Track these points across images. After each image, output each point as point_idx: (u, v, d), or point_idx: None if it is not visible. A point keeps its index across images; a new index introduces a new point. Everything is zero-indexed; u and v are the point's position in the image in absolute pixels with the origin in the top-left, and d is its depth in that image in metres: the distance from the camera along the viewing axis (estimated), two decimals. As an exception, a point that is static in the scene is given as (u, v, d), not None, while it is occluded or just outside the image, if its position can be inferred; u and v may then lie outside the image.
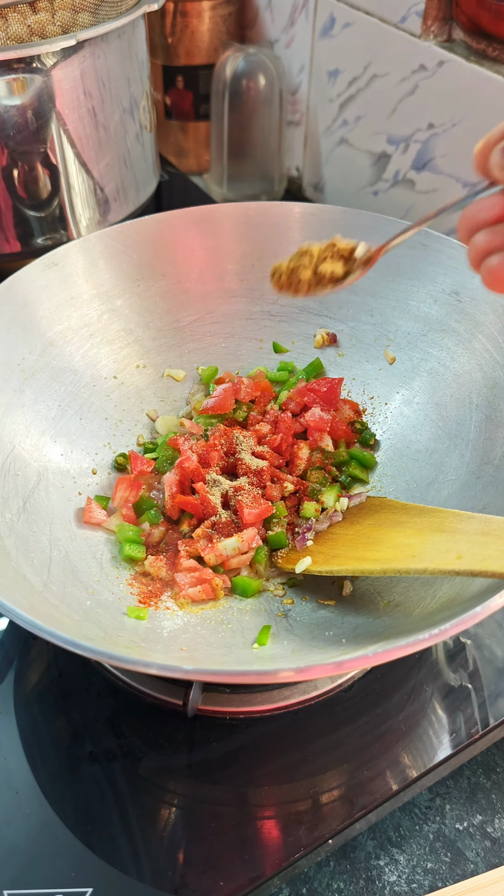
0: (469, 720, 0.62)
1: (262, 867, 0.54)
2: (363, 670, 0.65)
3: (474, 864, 0.59)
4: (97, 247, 0.79)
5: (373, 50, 0.97)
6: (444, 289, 0.75)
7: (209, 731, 0.61)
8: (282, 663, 0.55)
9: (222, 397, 0.76)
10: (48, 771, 0.59)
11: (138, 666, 0.46)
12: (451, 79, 0.88)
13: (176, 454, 0.71)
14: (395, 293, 0.79)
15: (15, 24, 0.78)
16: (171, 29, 1.13)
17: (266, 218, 0.84)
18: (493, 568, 0.50)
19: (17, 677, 0.65)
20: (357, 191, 1.09)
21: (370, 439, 0.76)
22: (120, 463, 0.73)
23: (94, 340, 0.78)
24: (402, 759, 0.59)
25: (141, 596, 0.63)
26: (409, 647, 0.46)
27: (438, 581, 0.59)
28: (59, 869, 0.54)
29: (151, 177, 1.03)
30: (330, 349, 0.82)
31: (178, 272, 0.83)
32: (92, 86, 0.86)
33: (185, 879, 0.53)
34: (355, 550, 0.62)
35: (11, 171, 0.85)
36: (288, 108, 1.16)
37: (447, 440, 0.71)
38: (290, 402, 0.77)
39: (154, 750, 0.60)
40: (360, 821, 0.57)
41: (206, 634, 0.60)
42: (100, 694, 0.63)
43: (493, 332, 0.71)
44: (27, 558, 0.60)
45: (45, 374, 0.73)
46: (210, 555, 0.65)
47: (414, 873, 0.59)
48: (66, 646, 0.46)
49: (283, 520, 0.68)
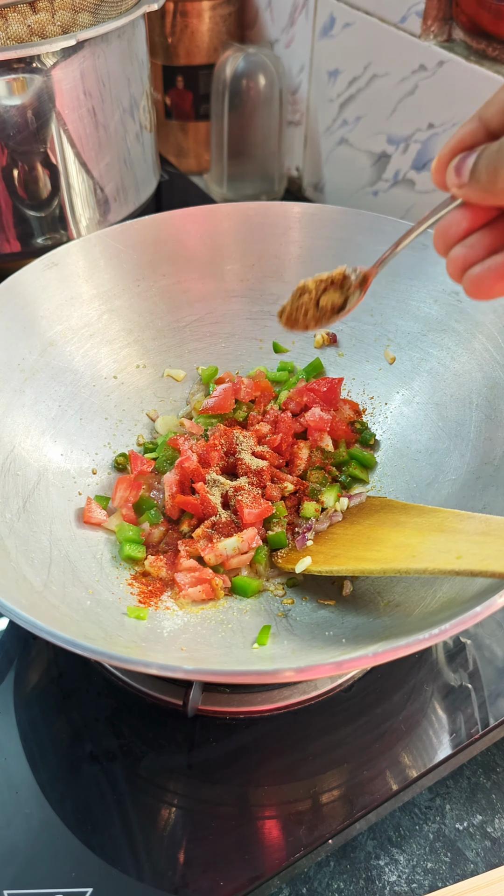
0: (469, 720, 0.62)
1: (262, 867, 0.54)
2: (363, 670, 0.65)
3: (474, 864, 0.59)
4: (97, 247, 0.79)
5: (373, 50, 0.97)
6: (444, 289, 0.75)
7: (209, 731, 0.61)
8: (282, 663, 0.55)
9: (222, 397, 0.76)
10: (48, 771, 0.59)
11: (138, 666, 0.46)
12: (451, 79, 0.88)
13: (176, 454, 0.71)
14: (395, 293, 0.79)
15: (15, 24, 0.78)
16: (171, 29, 1.13)
17: (266, 218, 0.84)
18: (493, 568, 0.50)
19: (17, 677, 0.65)
20: (357, 191, 1.09)
21: (370, 439, 0.76)
22: (120, 463, 0.73)
23: (94, 340, 0.78)
24: (402, 759, 0.59)
25: (141, 596, 0.63)
26: (409, 647, 0.46)
27: (438, 581, 0.59)
28: (59, 869, 0.54)
29: (151, 177, 1.03)
30: (330, 349, 0.82)
31: (178, 272, 0.83)
32: (92, 86, 0.86)
33: (185, 879, 0.53)
34: (355, 550, 0.62)
35: (11, 171, 0.85)
36: (288, 108, 1.16)
37: (447, 440, 0.71)
38: (290, 402, 0.77)
39: (154, 750, 0.60)
40: (360, 821, 0.57)
41: (206, 634, 0.60)
42: (100, 694, 0.63)
43: (493, 332, 0.71)
44: (27, 558, 0.60)
45: (45, 374, 0.73)
46: (210, 555, 0.65)
47: (414, 873, 0.59)
48: (66, 646, 0.46)
49: (283, 520, 0.68)
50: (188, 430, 0.75)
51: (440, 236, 0.48)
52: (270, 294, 0.83)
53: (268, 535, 0.67)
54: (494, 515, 0.56)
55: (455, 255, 0.47)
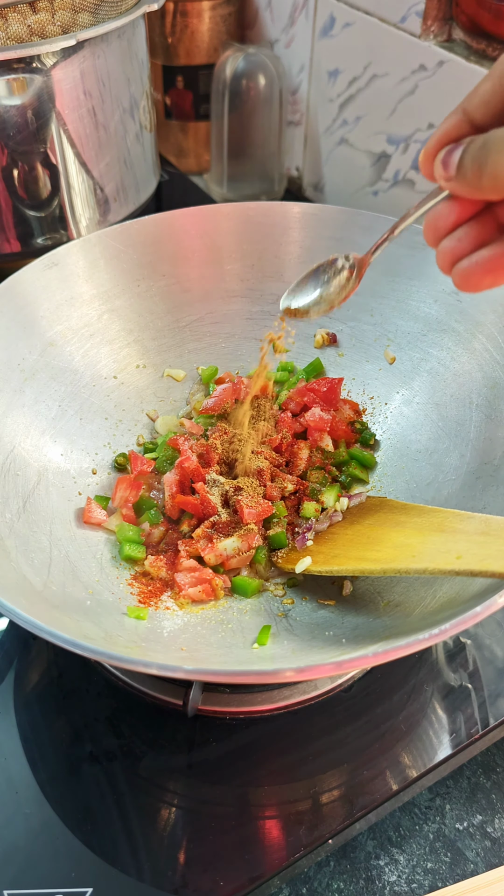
0: (469, 720, 0.62)
1: (262, 867, 0.54)
2: (363, 670, 0.65)
3: (474, 864, 0.59)
4: (97, 247, 0.79)
5: (373, 50, 0.97)
6: (444, 289, 0.75)
7: (209, 731, 0.61)
8: (282, 663, 0.55)
9: (222, 397, 0.76)
10: (48, 771, 0.59)
11: (138, 666, 0.46)
12: (451, 79, 0.88)
13: (176, 454, 0.71)
14: (395, 293, 0.79)
15: (15, 24, 0.78)
16: (171, 29, 1.13)
17: (266, 218, 0.84)
18: (493, 568, 0.50)
19: (17, 677, 0.65)
20: (357, 191, 1.09)
21: (370, 439, 0.76)
22: (120, 463, 0.73)
23: (94, 340, 0.78)
24: (402, 759, 0.59)
25: (141, 596, 0.63)
26: (409, 647, 0.46)
27: (438, 581, 0.59)
28: (59, 869, 0.54)
29: (151, 177, 1.03)
30: (330, 349, 0.82)
31: (178, 272, 0.83)
32: (92, 86, 0.86)
33: (185, 879, 0.53)
34: (355, 550, 0.62)
35: (11, 171, 0.85)
36: (288, 108, 1.16)
37: (447, 440, 0.71)
38: (290, 402, 0.77)
39: (154, 750, 0.60)
40: (360, 821, 0.57)
41: (206, 634, 0.60)
42: (100, 694, 0.63)
43: (493, 332, 0.71)
44: (27, 558, 0.60)
45: (45, 374, 0.73)
46: (210, 555, 0.65)
47: (414, 873, 0.59)
48: (66, 646, 0.46)
49: (283, 520, 0.68)
50: (188, 430, 0.75)
51: (430, 228, 0.48)
52: (270, 294, 0.83)
53: (268, 535, 0.67)
54: (494, 515, 0.56)
55: (444, 247, 0.47)
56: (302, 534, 0.67)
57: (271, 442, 0.73)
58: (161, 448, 0.74)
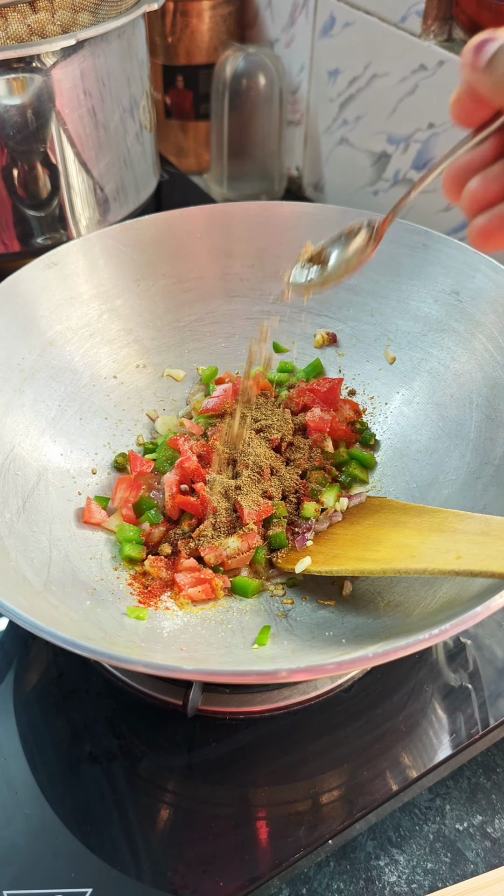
0: (469, 720, 0.62)
1: (262, 867, 0.54)
2: (363, 670, 0.65)
3: (474, 864, 0.59)
4: (97, 247, 0.79)
5: (373, 50, 0.97)
6: (444, 289, 0.75)
7: (209, 731, 0.61)
8: (282, 663, 0.55)
9: (222, 397, 0.76)
10: (48, 771, 0.59)
11: (138, 666, 0.46)
12: (452, 78, 0.88)
13: (176, 454, 0.71)
14: (395, 293, 0.79)
15: (15, 24, 0.78)
16: (171, 29, 1.13)
17: (266, 218, 0.84)
18: (493, 568, 0.50)
19: (17, 677, 0.65)
20: (357, 190, 1.09)
21: (370, 439, 0.76)
22: (120, 463, 0.73)
23: (94, 340, 0.78)
24: (402, 760, 0.59)
25: (141, 596, 0.63)
26: (409, 647, 0.46)
27: (438, 581, 0.59)
28: (59, 869, 0.54)
29: (151, 176, 1.03)
30: (330, 349, 0.82)
31: (178, 272, 0.83)
32: (92, 85, 0.86)
33: (185, 879, 0.53)
34: (355, 550, 0.62)
35: (11, 171, 0.85)
36: (288, 107, 1.16)
37: (447, 440, 0.71)
38: (290, 402, 0.77)
39: (154, 750, 0.60)
40: (360, 821, 0.57)
41: (206, 634, 0.60)
42: (100, 694, 0.63)
43: (493, 332, 0.71)
44: (27, 558, 0.60)
45: (45, 374, 0.73)
46: (210, 555, 0.65)
47: (414, 874, 0.59)
48: (66, 646, 0.46)
49: (283, 520, 0.68)
50: (188, 430, 0.75)
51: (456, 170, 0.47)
52: (270, 294, 0.83)
53: (268, 535, 0.67)
54: (494, 515, 0.56)
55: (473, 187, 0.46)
56: (302, 534, 0.67)
57: (272, 442, 0.73)
58: (161, 448, 0.74)
